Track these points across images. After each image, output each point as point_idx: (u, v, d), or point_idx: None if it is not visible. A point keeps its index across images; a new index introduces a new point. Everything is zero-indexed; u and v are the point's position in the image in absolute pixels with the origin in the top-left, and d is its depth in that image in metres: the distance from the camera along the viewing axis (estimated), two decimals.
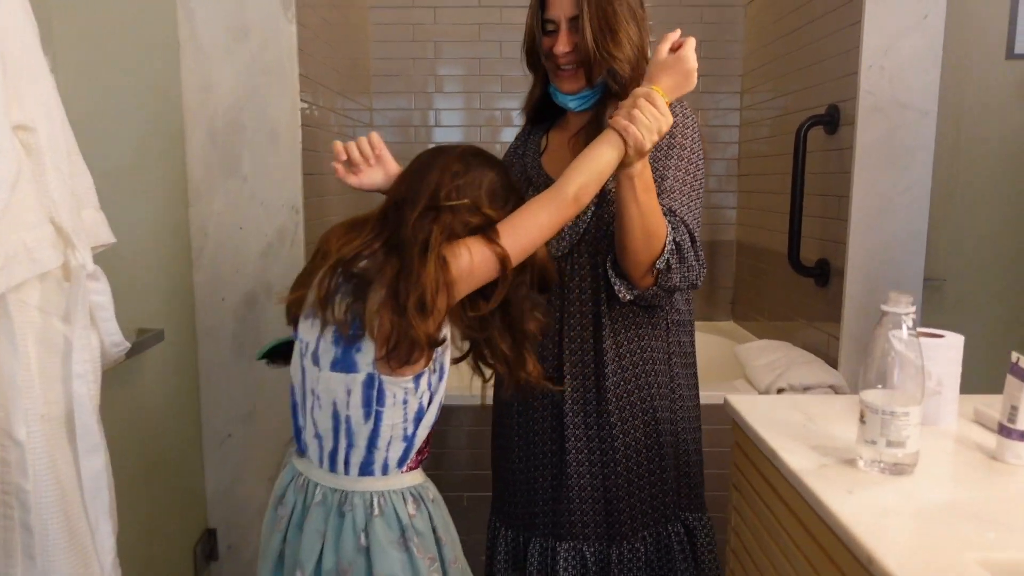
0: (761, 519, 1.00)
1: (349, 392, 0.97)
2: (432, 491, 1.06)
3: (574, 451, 1.26)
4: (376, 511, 0.98)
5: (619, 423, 1.24)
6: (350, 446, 0.99)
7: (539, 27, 1.25)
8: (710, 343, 2.67)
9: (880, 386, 0.85)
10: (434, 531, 1.02)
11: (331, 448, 1.00)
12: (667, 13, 2.77)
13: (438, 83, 2.87)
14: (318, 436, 1.01)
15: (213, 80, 1.73)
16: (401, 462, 1.01)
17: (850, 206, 1.93)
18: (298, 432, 1.06)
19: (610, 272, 1.19)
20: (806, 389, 1.97)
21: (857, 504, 0.77)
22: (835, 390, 1.96)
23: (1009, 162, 2.14)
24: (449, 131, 2.89)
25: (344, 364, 0.97)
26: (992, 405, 1.01)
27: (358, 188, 1.23)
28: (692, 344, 1.36)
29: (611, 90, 1.22)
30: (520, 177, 1.35)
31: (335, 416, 0.99)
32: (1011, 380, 0.86)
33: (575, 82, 1.23)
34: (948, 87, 1.97)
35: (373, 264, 0.97)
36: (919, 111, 1.87)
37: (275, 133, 1.76)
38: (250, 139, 1.75)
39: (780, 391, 1.97)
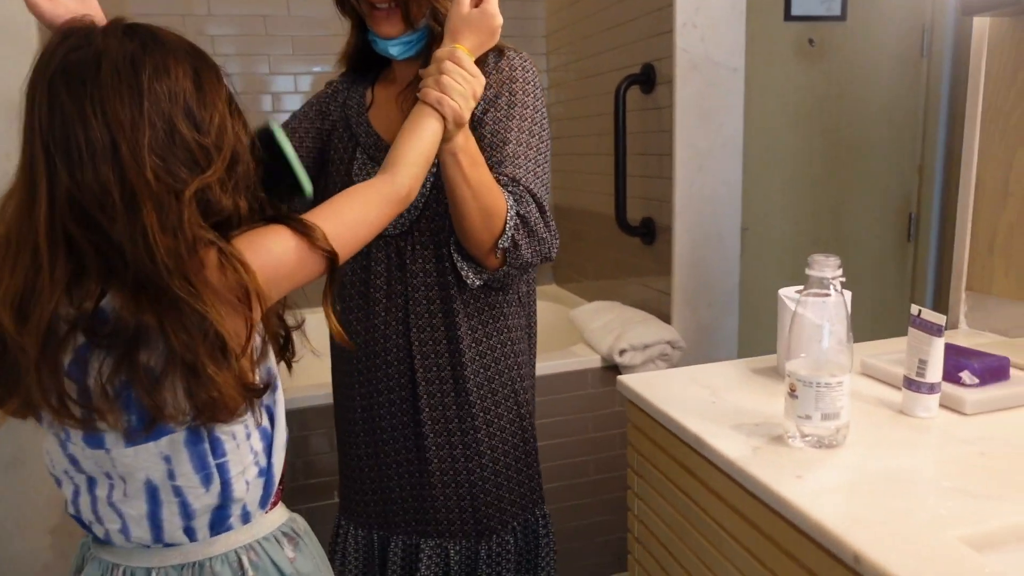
0: (679, 508, 0.94)
1: (169, 460, 0.72)
2: (301, 522, 0.87)
3: (435, 447, 1.13)
4: (249, 571, 0.76)
5: (482, 412, 1.14)
6: (188, 517, 0.75)
7: None
8: (540, 309, 2.65)
9: (803, 355, 0.80)
10: (318, 568, 0.83)
11: (155, 529, 0.75)
12: None
13: (213, 45, 2.47)
14: (125, 529, 0.75)
15: None
16: (263, 502, 0.79)
17: (673, 164, 1.96)
18: (85, 525, 0.78)
19: (455, 255, 1.06)
20: (646, 347, 2.00)
21: (812, 491, 0.72)
22: (672, 345, 2.01)
23: (789, 117, 2.31)
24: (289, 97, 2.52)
25: (145, 431, 0.70)
26: (875, 356, 1.03)
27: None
28: (534, 312, 1.27)
29: (436, 34, 1.07)
30: (343, 133, 1.17)
31: (153, 498, 0.73)
32: (915, 333, 0.86)
33: (393, 25, 1.06)
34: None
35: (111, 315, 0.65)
36: (729, 68, 1.93)
37: (14, 106, 1.35)
38: None
39: (622, 352, 1.98)
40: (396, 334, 1.12)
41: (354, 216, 0.80)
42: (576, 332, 2.25)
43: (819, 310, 0.80)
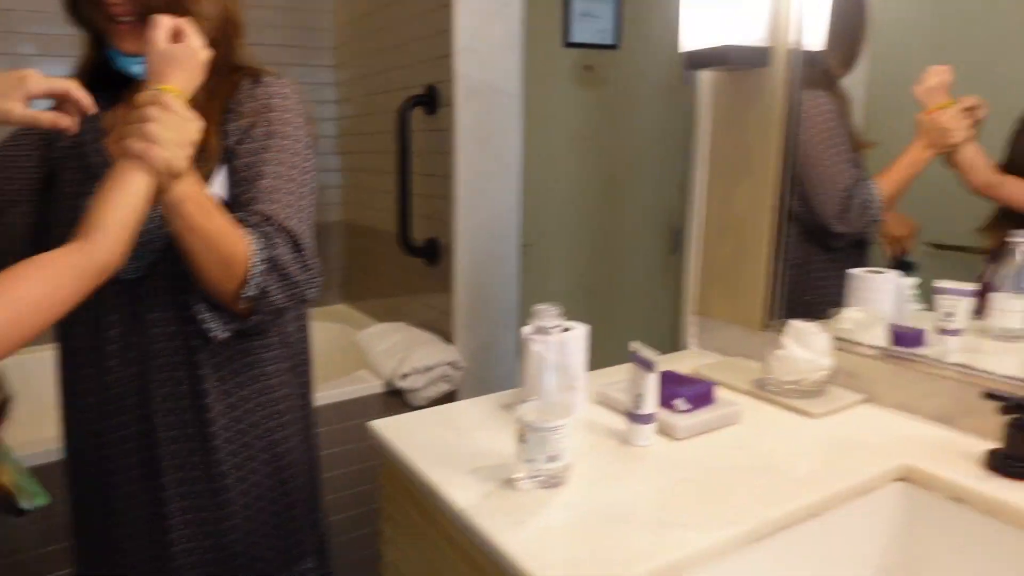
0: (425, 556, 0.92)
1: None
2: None
3: (180, 511, 1.01)
4: None
5: (234, 470, 1.03)
6: None
7: None
8: (325, 331, 2.53)
9: (535, 398, 0.81)
10: None
11: None
12: None
13: None
14: None
15: None
16: None
17: (453, 185, 1.97)
18: None
19: (197, 307, 0.94)
20: (428, 369, 1.98)
21: (530, 536, 0.73)
22: (453, 366, 2.01)
23: (569, 139, 2.43)
24: None
25: None
26: (609, 385, 1.09)
27: None
28: (306, 347, 1.17)
29: None
30: (75, 164, 1.01)
31: None
32: (633, 369, 0.91)
33: (138, 39, 0.93)
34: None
35: None
36: (507, 93, 1.97)
37: None
38: None
39: (404, 376, 1.95)
40: (132, 392, 0.99)
41: (37, 297, 0.68)
42: (361, 356, 2.18)
43: (545, 351, 0.82)
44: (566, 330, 1.04)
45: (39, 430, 1.41)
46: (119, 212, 0.76)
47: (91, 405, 1.01)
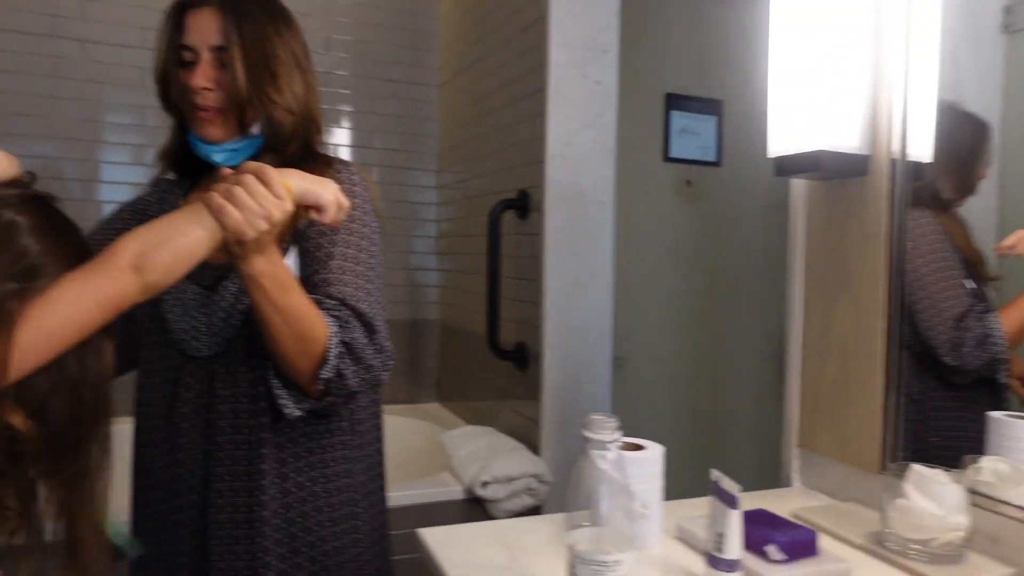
0: None
1: None
2: None
3: None
4: None
5: (276, 562, 0.99)
6: None
7: (173, 55, 0.99)
8: (415, 429, 2.53)
9: (588, 524, 0.73)
10: None
11: None
12: (364, 87, 2.66)
13: (95, 130, 2.38)
14: None
15: None
16: None
17: (543, 290, 1.94)
18: None
19: (274, 383, 0.94)
20: (510, 480, 1.90)
21: None
22: (538, 479, 1.92)
23: (667, 251, 2.37)
24: (115, 188, 2.41)
25: None
26: (691, 519, 0.97)
27: None
28: (379, 439, 1.14)
29: (268, 144, 1.01)
30: None
31: None
32: (714, 503, 0.80)
33: (219, 129, 0.99)
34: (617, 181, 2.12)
35: None
36: (598, 201, 1.96)
37: None
38: None
39: (485, 484, 1.87)
40: (198, 471, 0.99)
41: (61, 319, 0.64)
42: (445, 457, 2.14)
43: (599, 470, 0.73)
44: (635, 448, 0.95)
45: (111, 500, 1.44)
46: (161, 231, 0.74)
47: (161, 483, 1.02)
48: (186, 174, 1.10)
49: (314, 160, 1.05)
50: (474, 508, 1.93)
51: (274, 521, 0.99)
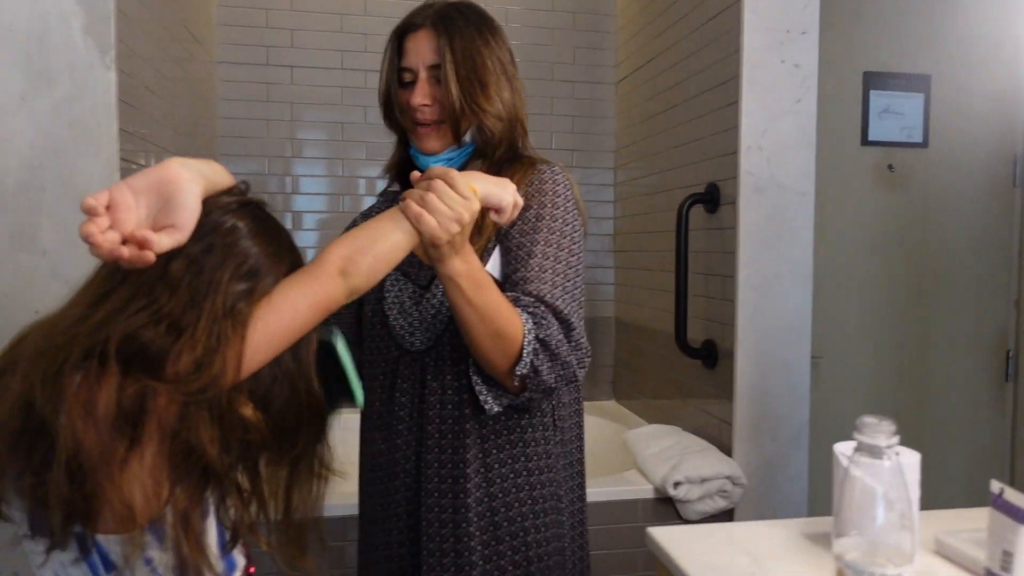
0: None
1: None
2: None
3: None
4: None
5: (480, 548, 1.02)
6: None
7: (395, 77, 1.07)
8: (594, 426, 2.51)
9: (856, 533, 0.68)
10: None
11: None
12: (540, 88, 2.70)
13: (295, 147, 2.62)
14: None
15: (2, 132, 1.38)
16: None
17: (736, 286, 1.87)
18: None
19: (475, 378, 0.98)
20: (703, 481, 1.84)
21: None
22: (732, 481, 1.85)
23: (867, 243, 2.20)
24: (310, 199, 2.65)
25: None
26: (953, 534, 0.88)
27: None
28: (580, 436, 1.15)
29: (479, 150, 1.06)
30: None
31: None
32: (997, 517, 0.73)
33: (437, 140, 1.05)
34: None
35: None
36: (798, 192, 1.86)
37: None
38: (51, 204, 1.41)
39: (677, 484, 1.83)
40: (412, 458, 1.05)
41: (283, 321, 0.70)
42: (630, 456, 2.11)
43: (874, 476, 0.68)
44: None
45: (339, 485, 1.56)
46: (365, 236, 0.80)
47: (380, 465, 1.09)
48: (410, 185, 1.17)
49: (520, 161, 1.08)
50: (664, 508, 1.89)
51: (478, 508, 1.02)
